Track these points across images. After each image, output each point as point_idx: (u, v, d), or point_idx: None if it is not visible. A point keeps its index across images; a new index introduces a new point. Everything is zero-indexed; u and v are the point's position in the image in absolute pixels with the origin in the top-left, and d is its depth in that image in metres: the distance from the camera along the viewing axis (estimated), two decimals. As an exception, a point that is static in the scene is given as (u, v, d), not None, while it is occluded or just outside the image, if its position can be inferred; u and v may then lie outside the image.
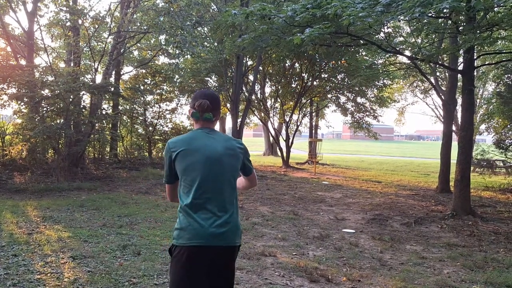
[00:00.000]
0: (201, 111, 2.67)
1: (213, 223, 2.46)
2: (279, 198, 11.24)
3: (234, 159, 2.64)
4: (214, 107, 2.71)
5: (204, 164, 2.53)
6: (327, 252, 6.15)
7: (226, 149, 2.61)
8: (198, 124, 2.73)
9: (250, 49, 12.48)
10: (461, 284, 4.93)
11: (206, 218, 2.46)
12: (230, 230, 2.50)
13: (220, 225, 2.47)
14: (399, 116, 34.14)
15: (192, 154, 2.56)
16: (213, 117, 2.72)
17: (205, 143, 2.60)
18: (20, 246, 5.82)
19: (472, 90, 9.53)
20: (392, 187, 14.56)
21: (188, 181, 2.53)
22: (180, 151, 2.57)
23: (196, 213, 2.47)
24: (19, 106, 13.83)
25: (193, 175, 2.52)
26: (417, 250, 6.48)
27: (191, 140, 2.62)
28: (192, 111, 2.71)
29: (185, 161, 2.55)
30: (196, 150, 2.56)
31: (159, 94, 21.17)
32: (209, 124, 2.73)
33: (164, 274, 4.84)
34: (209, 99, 2.70)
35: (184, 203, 2.51)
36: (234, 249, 2.56)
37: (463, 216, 8.85)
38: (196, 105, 2.68)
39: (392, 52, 10.54)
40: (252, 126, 34.89)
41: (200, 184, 2.51)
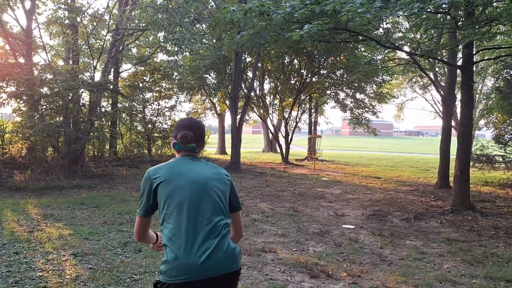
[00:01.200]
0: (184, 142, 2.53)
1: (203, 252, 2.20)
2: (278, 195, 11.25)
3: (222, 183, 2.44)
4: (198, 138, 2.56)
5: (190, 188, 2.35)
6: (327, 248, 6.17)
7: (212, 174, 2.45)
8: (180, 154, 2.58)
9: (249, 46, 12.49)
10: (461, 279, 4.95)
11: (192, 248, 2.21)
12: (223, 256, 2.24)
13: (211, 252, 2.21)
14: (398, 112, 34.07)
15: (176, 179, 2.37)
16: (196, 148, 2.56)
17: (190, 167, 2.44)
18: (22, 244, 5.83)
19: (471, 85, 9.54)
20: (392, 183, 14.58)
21: (171, 207, 2.31)
22: (163, 180, 2.38)
23: (180, 241, 2.22)
24: (18, 105, 13.83)
25: (178, 200, 2.31)
26: (417, 245, 6.50)
27: (174, 166, 2.46)
28: (173, 141, 2.57)
29: (168, 187, 2.35)
30: (180, 175, 2.39)
31: (158, 91, 21.19)
32: (193, 154, 2.57)
33: None
34: (192, 130, 2.55)
35: (167, 232, 2.28)
36: (232, 275, 2.31)
37: (462, 211, 8.87)
38: (179, 136, 2.53)
39: (391, 48, 10.52)
40: (251, 123, 34.88)
41: (187, 209, 2.29)
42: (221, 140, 30.26)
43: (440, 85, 15.06)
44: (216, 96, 25.15)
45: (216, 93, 24.03)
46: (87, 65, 19.33)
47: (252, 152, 33.00)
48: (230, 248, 2.31)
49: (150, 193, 2.40)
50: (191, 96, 25.25)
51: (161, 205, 2.35)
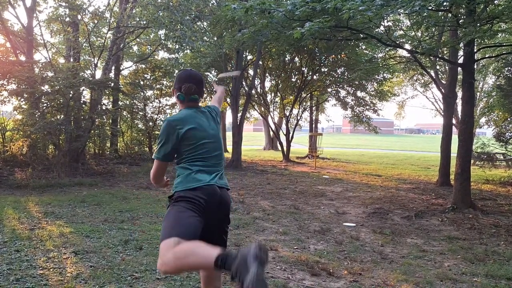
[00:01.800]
0: (187, 94, 2.86)
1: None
2: (279, 193, 11.26)
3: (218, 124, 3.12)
4: (200, 89, 2.94)
5: (212, 142, 2.90)
6: (328, 246, 6.18)
7: (218, 131, 3.01)
8: (183, 104, 2.93)
9: (250, 44, 12.48)
10: (462, 277, 4.95)
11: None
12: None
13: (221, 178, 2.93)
14: (399, 109, 34.15)
15: (201, 130, 2.85)
16: (199, 98, 2.97)
17: (206, 122, 2.95)
18: (23, 242, 5.83)
19: (472, 83, 9.52)
20: (393, 181, 14.58)
21: (200, 151, 2.84)
22: (192, 127, 2.79)
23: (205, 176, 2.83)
24: (19, 102, 13.83)
25: (206, 148, 2.85)
26: (418, 243, 6.50)
27: (192, 117, 2.85)
28: (178, 93, 2.88)
29: (198, 134, 2.82)
30: (202, 128, 2.87)
31: (159, 89, 21.15)
32: (195, 104, 2.96)
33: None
34: (195, 82, 2.89)
35: (195, 168, 2.82)
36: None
37: (463, 209, 8.86)
38: (183, 88, 2.84)
39: (392, 46, 10.52)
40: (252, 121, 34.89)
41: (209, 155, 2.87)
42: (222, 138, 30.20)
43: (441, 83, 15.05)
44: (217, 93, 25.07)
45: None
46: (88, 63, 19.30)
47: (253, 150, 33.01)
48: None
49: (174, 139, 2.77)
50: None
51: (190, 146, 2.82)
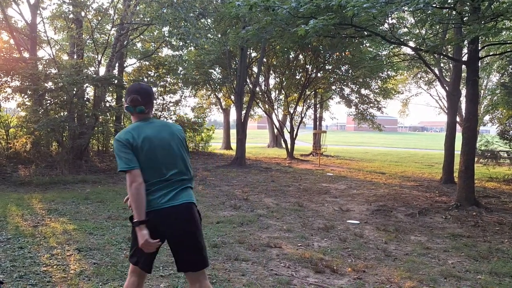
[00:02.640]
0: (133, 105, 2.95)
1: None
2: (283, 190, 11.25)
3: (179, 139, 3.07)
4: (145, 101, 2.98)
5: (159, 152, 2.92)
6: (332, 243, 6.17)
7: (169, 134, 3.02)
8: (134, 117, 3.03)
9: (254, 41, 12.46)
10: (466, 274, 4.93)
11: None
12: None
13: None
14: (403, 107, 33.99)
15: (148, 141, 2.90)
16: (146, 109, 2.99)
17: (154, 132, 2.96)
18: (26, 239, 5.85)
19: (476, 81, 9.48)
20: (396, 178, 14.55)
21: (152, 166, 2.92)
22: (137, 141, 2.87)
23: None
24: (22, 99, 13.85)
25: (155, 161, 2.92)
26: (422, 240, 6.48)
27: (138, 129, 2.93)
28: (125, 105, 2.99)
29: (143, 148, 2.88)
30: (148, 137, 2.91)
31: (162, 86, 21.17)
32: (145, 115, 3.02)
33: (170, 266, 4.87)
34: (139, 94, 2.96)
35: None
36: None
37: (467, 206, 8.84)
38: (129, 100, 2.96)
39: (396, 43, 10.47)
40: (256, 118, 34.87)
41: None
42: (226, 135, 30.26)
43: (445, 81, 14.99)
44: (221, 91, 25.14)
45: (221, 88, 24.01)
46: (91, 60, 19.30)
47: (257, 147, 33.00)
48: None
49: (130, 152, 2.86)
50: (196, 91, 25.26)
51: (140, 160, 2.87)
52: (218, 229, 6.68)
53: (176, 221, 2.88)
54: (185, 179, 3.01)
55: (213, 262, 5.10)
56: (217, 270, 4.81)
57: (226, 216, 7.78)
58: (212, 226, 6.87)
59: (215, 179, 12.91)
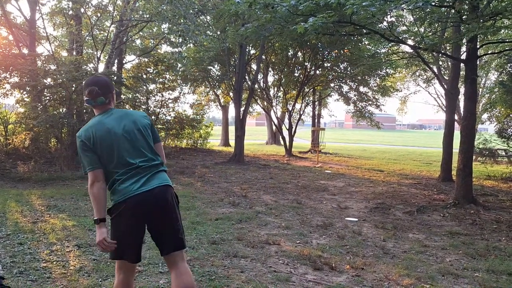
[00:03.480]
0: (92, 98, 2.91)
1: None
2: (282, 187, 11.28)
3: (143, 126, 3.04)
4: (104, 91, 2.94)
5: (123, 141, 2.91)
6: (331, 240, 6.20)
7: (131, 122, 2.99)
8: (96, 109, 3.01)
9: (253, 38, 12.45)
10: (463, 272, 4.97)
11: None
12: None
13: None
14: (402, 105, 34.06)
15: (108, 134, 2.89)
16: (106, 99, 2.95)
17: (109, 124, 2.92)
18: (26, 235, 5.87)
19: (475, 79, 9.51)
20: (395, 176, 14.59)
21: (117, 157, 2.92)
22: (96, 137, 2.86)
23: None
24: (21, 95, 13.83)
25: (120, 151, 2.91)
26: (420, 238, 6.52)
27: (97, 125, 2.90)
28: (85, 98, 2.95)
29: (105, 142, 2.88)
30: (108, 130, 2.90)
31: (161, 83, 21.16)
32: (106, 106, 2.99)
33: None
34: (97, 85, 2.93)
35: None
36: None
37: (465, 204, 8.87)
38: (86, 93, 2.92)
39: (395, 41, 10.48)
40: (254, 115, 34.89)
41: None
42: (225, 132, 30.27)
43: (443, 79, 15.02)
44: (220, 88, 25.13)
45: (220, 85, 24.00)
46: (91, 56, 19.28)
47: (256, 144, 32.99)
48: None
49: (90, 151, 2.87)
50: (195, 88, 25.25)
51: (105, 155, 2.91)
52: (217, 226, 6.70)
53: (151, 206, 2.89)
54: (154, 164, 3.00)
55: (212, 259, 5.12)
56: (216, 267, 4.83)
57: (225, 213, 7.80)
58: (210, 223, 6.89)
59: (213, 176, 12.93)
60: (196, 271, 4.66)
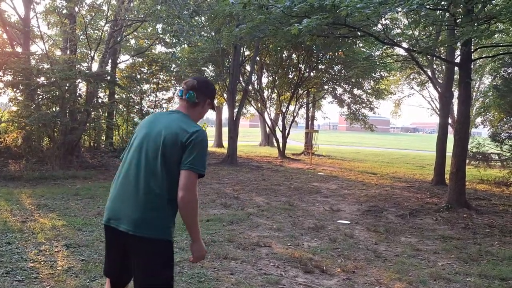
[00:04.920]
0: (185, 88, 2.60)
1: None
2: (274, 189, 11.23)
3: (172, 143, 2.41)
4: (200, 90, 2.60)
5: (140, 146, 2.53)
6: (322, 243, 6.16)
7: (167, 128, 2.46)
8: (179, 105, 2.68)
9: (248, 39, 12.43)
10: (455, 277, 4.94)
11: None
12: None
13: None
14: (396, 108, 34.13)
15: (142, 133, 2.58)
16: (196, 99, 2.58)
17: (154, 124, 2.56)
18: (14, 234, 5.80)
19: (469, 83, 9.52)
20: (388, 179, 14.59)
21: (124, 163, 2.66)
22: (136, 135, 2.63)
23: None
24: (14, 94, 13.72)
25: (130, 158, 2.61)
26: (412, 242, 6.49)
27: (147, 121, 2.64)
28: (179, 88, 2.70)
29: (132, 141, 2.64)
30: (147, 129, 2.56)
31: (155, 83, 21.08)
32: (188, 107, 2.61)
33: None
34: (198, 80, 2.64)
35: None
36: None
37: (458, 208, 8.85)
38: (184, 82, 2.66)
39: (390, 44, 10.50)
40: (248, 117, 34.85)
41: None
42: (218, 133, 30.22)
43: (437, 82, 15.02)
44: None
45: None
46: (84, 56, 19.16)
47: (249, 145, 32.95)
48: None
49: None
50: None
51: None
52: (208, 227, 6.65)
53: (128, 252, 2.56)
54: (152, 191, 2.47)
55: (202, 260, 5.06)
56: (205, 269, 4.79)
57: (216, 214, 7.75)
58: (201, 224, 6.83)
59: (206, 177, 12.76)
60: (185, 273, 4.61)
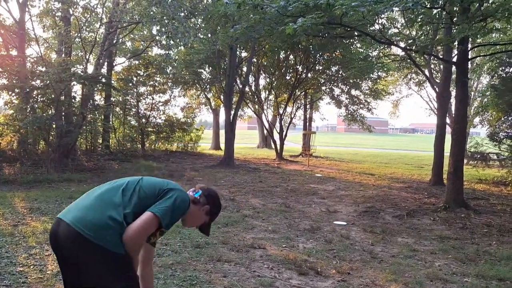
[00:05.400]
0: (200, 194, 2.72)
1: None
2: (271, 191, 11.14)
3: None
4: (208, 193, 2.77)
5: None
6: (318, 244, 6.07)
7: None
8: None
9: (243, 40, 12.36)
10: (452, 277, 4.86)
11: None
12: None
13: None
14: (394, 109, 34.09)
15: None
16: (199, 199, 2.69)
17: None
18: (5, 238, 5.70)
19: (466, 82, 9.45)
20: (385, 180, 14.51)
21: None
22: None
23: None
24: (10, 97, 13.64)
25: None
26: (409, 242, 6.41)
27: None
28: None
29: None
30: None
31: (152, 85, 21.03)
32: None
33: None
34: (211, 190, 2.83)
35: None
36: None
37: (455, 208, 8.79)
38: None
39: (386, 44, 10.44)
40: (245, 119, 34.79)
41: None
42: (216, 136, 30.11)
43: (435, 82, 14.97)
44: (211, 91, 25.02)
45: (210, 88, 23.89)
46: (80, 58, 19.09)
47: (247, 147, 32.85)
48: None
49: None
50: (186, 91, 25.12)
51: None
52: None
53: (53, 242, 2.52)
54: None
55: (195, 263, 4.99)
56: (198, 271, 4.70)
57: (212, 216, 7.64)
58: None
59: (202, 179, 12.77)
60: (177, 276, 4.52)
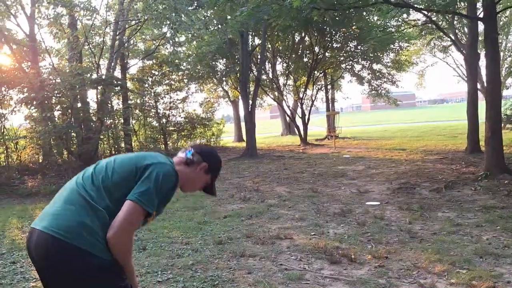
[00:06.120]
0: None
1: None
2: (297, 177, 10.68)
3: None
4: (201, 151, 2.45)
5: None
6: (349, 228, 5.61)
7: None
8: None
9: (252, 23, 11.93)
10: (504, 251, 4.36)
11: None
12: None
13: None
14: (420, 79, 32.92)
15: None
16: (192, 157, 2.38)
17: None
18: (21, 252, 5.43)
19: (496, 37, 8.77)
20: (418, 153, 13.90)
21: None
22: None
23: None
24: (29, 111, 13.59)
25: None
26: (451, 217, 5.92)
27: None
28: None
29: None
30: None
31: (168, 84, 20.83)
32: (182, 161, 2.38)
33: (169, 269, 4.43)
34: (203, 146, 2.58)
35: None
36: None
37: (498, 175, 8.23)
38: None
39: (404, 6, 9.74)
40: (266, 107, 34.37)
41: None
42: (237, 128, 29.78)
43: (461, 44, 14.16)
44: (227, 83, 24.68)
45: (226, 79, 23.54)
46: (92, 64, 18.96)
47: (271, 137, 32.51)
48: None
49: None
50: (202, 86, 24.86)
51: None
52: (225, 224, 6.17)
53: (30, 253, 2.12)
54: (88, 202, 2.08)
55: (217, 261, 4.61)
56: (220, 270, 4.32)
57: (235, 209, 7.26)
58: (218, 222, 6.37)
59: (225, 172, 12.39)
60: (197, 277, 4.16)
